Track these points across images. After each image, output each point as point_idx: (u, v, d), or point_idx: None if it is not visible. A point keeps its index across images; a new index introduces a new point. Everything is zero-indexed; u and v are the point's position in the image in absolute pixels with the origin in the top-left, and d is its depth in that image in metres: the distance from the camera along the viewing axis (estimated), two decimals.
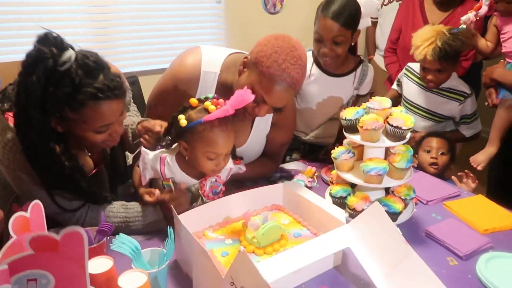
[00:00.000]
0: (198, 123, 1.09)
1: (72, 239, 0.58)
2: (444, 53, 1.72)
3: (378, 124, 1.16)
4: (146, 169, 1.19)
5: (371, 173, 1.18)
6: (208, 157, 1.13)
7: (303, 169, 1.63)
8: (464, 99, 1.85)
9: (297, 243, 1.03)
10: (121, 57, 2.81)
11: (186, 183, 1.20)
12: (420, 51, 1.75)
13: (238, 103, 1.08)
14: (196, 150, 1.12)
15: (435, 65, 1.76)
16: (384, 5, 2.93)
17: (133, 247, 0.94)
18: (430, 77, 1.81)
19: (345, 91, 1.70)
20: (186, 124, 1.10)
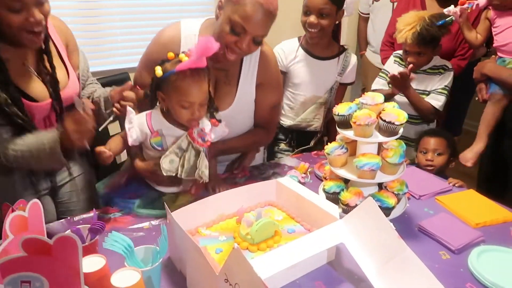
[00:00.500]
0: (171, 73, 1.16)
1: (65, 244, 0.57)
2: (422, 37, 1.80)
3: (371, 120, 1.16)
4: (132, 128, 1.22)
5: (364, 168, 1.18)
6: (182, 106, 1.19)
7: (296, 165, 1.62)
8: (444, 71, 1.94)
9: (291, 239, 1.03)
10: (112, 53, 2.77)
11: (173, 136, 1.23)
12: (402, 34, 1.85)
13: (203, 51, 1.12)
14: (172, 99, 1.19)
15: (415, 48, 1.86)
16: (376, 1, 2.94)
17: (126, 245, 0.93)
18: (410, 59, 1.90)
19: (329, 75, 1.77)
20: (161, 74, 1.17)
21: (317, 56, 1.77)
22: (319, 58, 1.77)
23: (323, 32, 1.67)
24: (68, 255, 0.58)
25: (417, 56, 1.89)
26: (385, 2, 2.91)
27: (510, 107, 1.82)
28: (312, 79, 1.77)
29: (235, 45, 1.26)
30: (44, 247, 0.57)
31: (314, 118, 1.82)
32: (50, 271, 0.58)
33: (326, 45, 1.76)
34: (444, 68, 1.95)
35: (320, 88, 1.79)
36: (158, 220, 1.26)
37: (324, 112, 1.80)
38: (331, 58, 1.77)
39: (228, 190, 1.24)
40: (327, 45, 1.77)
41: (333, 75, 1.77)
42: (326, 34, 1.70)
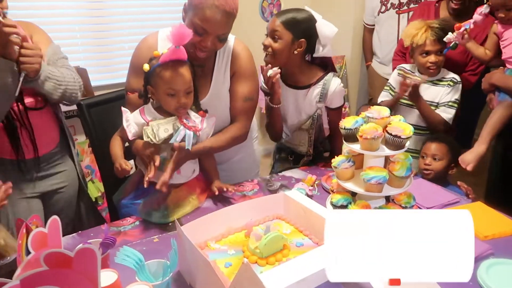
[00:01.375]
0: (157, 65, 1.31)
1: (86, 255, 0.59)
2: (443, 32, 1.88)
3: (378, 133, 1.18)
4: (130, 124, 1.37)
5: (371, 181, 1.19)
6: (168, 94, 1.32)
7: (303, 178, 1.63)
8: (454, 84, 1.95)
9: (300, 253, 1.04)
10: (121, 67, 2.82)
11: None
12: (420, 36, 1.88)
13: (179, 38, 1.25)
14: (159, 89, 1.33)
15: (437, 46, 1.89)
16: (381, 13, 2.97)
17: (137, 260, 0.95)
18: (432, 59, 1.90)
19: (305, 104, 1.72)
20: (148, 69, 1.32)
21: (291, 85, 1.73)
22: (294, 87, 1.72)
23: (276, 57, 1.62)
24: (88, 267, 0.60)
25: (437, 56, 1.91)
26: (390, 14, 2.94)
27: None
28: (290, 107, 1.74)
29: (200, 45, 1.37)
30: (65, 260, 0.59)
31: (300, 143, 1.81)
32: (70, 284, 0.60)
33: (297, 74, 1.71)
34: (453, 81, 1.95)
35: (300, 115, 1.76)
36: (167, 233, 1.28)
37: (308, 138, 1.77)
38: (305, 87, 1.71)
39: (236, 204, 1.26)
40: (299, 74, 1.71)
41: (311, 103, 1.71)
42: (282, 61, 1.64)
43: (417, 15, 2.32)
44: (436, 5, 2.31)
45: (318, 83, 1.69)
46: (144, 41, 1.52)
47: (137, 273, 0.94)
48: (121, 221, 1.37)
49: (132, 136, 1.38)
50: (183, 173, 1.43)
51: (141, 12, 2.82)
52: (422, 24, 1.91)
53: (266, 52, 1.63)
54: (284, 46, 1.60)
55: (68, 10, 2.60)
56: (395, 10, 2.92)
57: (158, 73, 1.31)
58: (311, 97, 1.71)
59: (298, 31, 1.59)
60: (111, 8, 2.75)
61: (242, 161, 1.75)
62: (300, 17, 1.61)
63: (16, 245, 1.06)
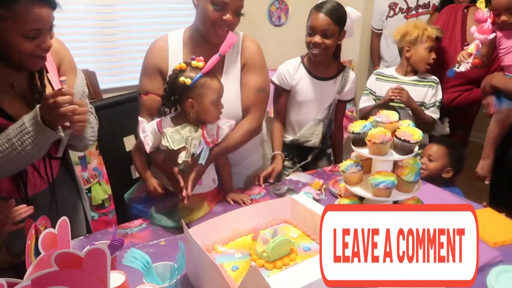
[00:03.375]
0: (199, 77, 1.29)
1: (96, 256, 0.60)
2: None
3: (386, 138, 1.17)
4: (147, 136, 1.34)
5: (380, 186, 1.18)
6: (214, 103, 1.32)
7: (310, 182, 1.63)
8: (436, 85, 2.04)
9: (307, 257, 1.04)
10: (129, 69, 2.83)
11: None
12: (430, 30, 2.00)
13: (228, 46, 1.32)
14: (204, 100, 1.31)
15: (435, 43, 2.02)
16: (389, 17, 2.97)
17: (144, 262, 0.95)
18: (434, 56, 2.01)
19: (328, 94, 1.83)
20: (190, 82, 1.28)
21: (317, 76, 1.83)
22: (320, 78, 1.83)
23: (326, 52, 1.74)
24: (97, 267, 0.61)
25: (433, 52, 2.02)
26: (399, 18, 2.93)
27: None
28: (313, 98, 1.84)
29: (221, 20, 1.39)
30: (75, 260, 0.59)
31: (312, 134, 1.88)
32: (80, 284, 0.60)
33: (326, 66, 1.82)
34: (435, 82, 2.04)
35: (320, 107, 1.86)
36: (174, 236, 1.28)
37: (322, 129, 1.86)
38: (330, 78, 1.83)
39: (243, 207, 1.26)
40: (327, 66, 1.83)
41: (331, 94, 1.83)
42: (329, 54, 1.77)
43: (443, 19, 2.22)
44: (464, 10, 2.17)
45: (339, 74, 1.83)
46: (155, 44, 1.53)
47: (144, 275, 0.94)
48: (128, 223, 1.37)
49: (149, 149, 1.35)
50: (205, 183, 1.43)
51: (149, 16, 2.84)
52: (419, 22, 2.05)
53: (317, 49, 1.72)
54: (335, 40, 1.73)
55: (78, 13, 2.62)
56: (403, 14, 2.92)
57: (204, 84, 1.30)
58: (333, 88, 1.83)
59: (342, 23, 1.72)
60: (120, 12, 2.76)
61: (253, 164, 1.75)
62: (341, 10, 1.73)
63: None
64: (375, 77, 2.15)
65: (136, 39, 2.80)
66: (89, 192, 2.40)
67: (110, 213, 2.46)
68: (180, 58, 1.50)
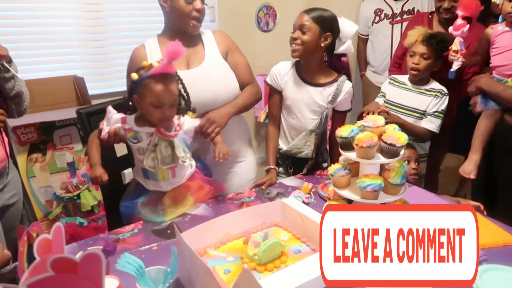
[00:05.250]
0: (145, 77, 1.34)
1: (91, 260, 0.61)
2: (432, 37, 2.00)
3: (373, 142, 1.20)
4: (108, 126, 1.41)
5: (367, 189, 1.21)
6: (154, 106, 1.36)
7: (300, 185, 1.66)
8: (441, 95, 2.03)
9: (298, 259, 1.06)
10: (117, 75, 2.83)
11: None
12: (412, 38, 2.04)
13: (172, 55, 1.33)
14: (145, 100, 1.36)
15: (423, 49, 2.00)
16: (375, 23, 3.03)
17: (137, 266, 0.96)
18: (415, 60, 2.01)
19: (317, 102, 1.80)
20: (137, 78, 1.35)
21: (307, 81, 1.81)
22: (308, 83, 1.80)
23: (304, 49, 1.72)
24: (93, 272, 0.62)
25: (421, 58, 1.99)
26: (384, 24, 3.00)
27: (502, 123, 1.87)
28: (300, 102, 1.81)
29: (195, 11, 1.57)
30: (71, 265, 0.60)
31: (305, 145, 1.85)
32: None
33: (316, 71, 1.79)
34: (441, 92, 2.03)
35: (310, 113, 1.81)
36: (166, 240, 1.29)
37: (315, 140, 1.82)
38: (320, 85, 1.79)
39: (234, 212, 1.27)
40: (319, 72, 1.80)
41: (322, 101, 1.79)
42: (309, 53, 1.73)
43: (412, 26, 2.36)
44: (429, 16, 2.39)
45: (332, 83, 1.79)
46: (134, 51, 1.67)
47: (137, 280, 0.95)
48: (120, 228, 1.38)
49: (104, 136, 1.40)
50: (178, 174, 1.47)
51: (138, 22, 2.85)
52: (423, 30, 2.04)
53: (294, 44, 1.74)
54: (313, 37, 1.71)
55: (66, 19, 2.62)
56: (388, 20, 2.98)
57: (147, 85, 1.35)
58: (322, 97, 1.79)
59: (325, 25, 1.72)
60: (109, 18, 2.77)
61: (243, 168, 1.80)
62: (326, 14, 1.74)
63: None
64: (388, 81, 2.18)
65: (124, 45, 2.80)
66: (78, 199, 2.38)
67: (99, 219, 2.44)
68: (159, 57, 1.55)
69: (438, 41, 1.98)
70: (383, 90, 2.19)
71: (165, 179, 1.45)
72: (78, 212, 2.39)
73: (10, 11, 2.46)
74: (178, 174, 1.47)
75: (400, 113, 2.06)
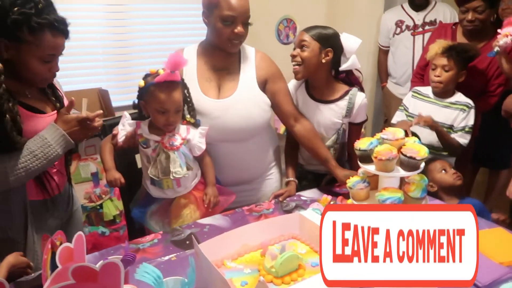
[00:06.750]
0: (151, 84, 1.40)
1: (110, 269, 0.63)
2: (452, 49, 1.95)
3: (393, 155, 1.19)
4: (123, 130, 1.47)
5: (386, 202, 1.19)
6: (159, 112, 1.42)
7: (318, 198, 1.65)
8: (468, 109, 1.96)
9: (315, 273, 1.05)
10: None
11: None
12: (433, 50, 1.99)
13: (174, 65, 1.37)
14: (150, 106, 1.43)
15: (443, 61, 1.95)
16: (396, 34, 3.01)
17: (155, 276, 0.98)
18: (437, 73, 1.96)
19: (331, 118, 1.76)
20: (143, 85, 1.42)
21: (316, 98, 1.77)
22: (319, 101, 1.77)
23: (305, 67, 1.68)
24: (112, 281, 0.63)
25: (442, 71, 1.95)
26: (406, 35, 2.98)
27: None
28: (314, 121, 1.77)
29: (232, 34, 1.52)
30: (91, 273, 0.62)
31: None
32: None
33: (323, 87, 1.76)
34: (468, 106, 1.97)
35: (325, 131, 1.78)
36: (184, 251, 1.31)
37: (334, 154, 1.78)
38: (332, 101, 1.75)
39: (252, 223, 1.28)
40: (327, 88, 1.76)
41: (337, 118, 1.75)
42: (311, 71, 1.70)
43: (435, 37, 2.33)
44: (452, 27, 2.34)
45: (344, 98, 1.75)
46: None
47: None
48: (141, 238, 1.40)
49: (119, 142, 1.45)
50: (183, 184, 1.50)
51: (161, 35, 2.91)
52: (444, 43, 1.99)
53: (294, 62, 1.71)
54: (312, 54, 1.68)
55: (92, 34, 2.71)
56: (410, 32, 2.96)
57: (152, 92, 1.40)
58: (336, 112, 1.75)
59: (325, 42, 1.69)
60: (133, 32, 2.85)
61: (273, 178, 1.81)
62: (326, 31, 1.71)
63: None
64: (411, 94, 2.13)
65: (148, 58, 2.87)
66: (100, 208, 2.43)
67: (121, 229, 2.49)
68: (194, 68, 1.61)
69: (459, 52, 1.94)
70: (405, 103, 2.13)
71: (170, 187, 1.49)
72: (101, 221, 2.44)
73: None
74: (183, 183, 1.50)
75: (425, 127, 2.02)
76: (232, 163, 1.65)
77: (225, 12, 1.49)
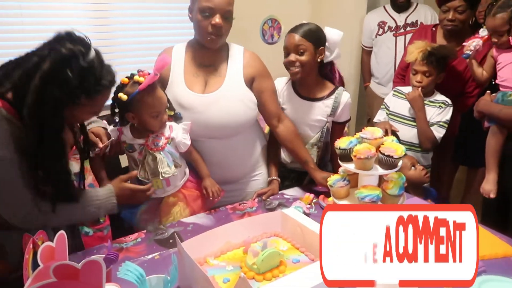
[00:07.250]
0: (136, 93, 1.36)
1: (92, 267, 0.64)
2: (431, 55, 1.97)
3: (371, 153, 1.22)
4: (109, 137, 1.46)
5: (366, 200, 1.22)
6: (153, 117, 1.41)
7: (301, 196, 1.67)
8: (445, 106, 2.04)
9: (296, 269, 1.07)
10: None
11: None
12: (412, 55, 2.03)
13: (161, 66, 1.40)
14: (143, 113, 1.41)
15: (423, 67, 2.01)
16: (379, 35, 3.05)
17: (138, 274, 0.99)
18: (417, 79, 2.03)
19: (317, 116, 1.80)
20: (127, 98, 1.37)
21: (304, 96, 1.80)
22: (306, 98, 1.80)
23: (304, 69, 1.70)
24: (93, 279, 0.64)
25: (423, 76, 2.01)
26: (388, 36, 3.02)
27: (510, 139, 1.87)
28: (300, 119, 1.80)
29: (212, 27, 1.51)
30: (72, 272, 0.63)
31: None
32: None
33: (314, 86, 1.79)
34: (445, 103, 2.04)
35: (310, 128, 1.81)
36: (168, 250, 1.32)
37: (317, 153, 1.82)
38: (319, 99, 1.78)
39: (235, 222, 1.30)
40: (316, 86, 1.79)
41: (322, 116, 1.78)
42: (308, 71, 1.72)
43: (415, 38, 2.38)
44: (432, 29, 2.40)
45: (330, 96, 1.78)
46: (161, 53, 1.67)
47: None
48: (124, 237, 1.41)
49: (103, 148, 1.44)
50: (172, 183, 1.52)
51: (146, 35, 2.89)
52: (422, 45, 2.02)
53: (293, 68, 1.71)
54: (310, 57, 1.70)
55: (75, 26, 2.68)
56: (392, 32, 3.01)
57: (140, 100, 1.38)
58: (322, 110, 1.78)
59: (317, 41, 1.71)
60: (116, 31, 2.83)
61: (259, 179, 1.82)
62: (313, 27, 1.73)
63: None
64: (392, 93, 2.20)
65: (132, 57, 2.86)
66: None
67: (104, 229, 2.46)
68: (181, 63, 1.63)
69: (439, 58, 1.99)
70: (387, 102, 2.21)
71: (160, 187, 1.51)
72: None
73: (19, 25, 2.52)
74: (172, 183, 1.52)
75: (404, 124, 2.08)
76: (216, 160, 1.66)
77: (203, 3, 1.51)
